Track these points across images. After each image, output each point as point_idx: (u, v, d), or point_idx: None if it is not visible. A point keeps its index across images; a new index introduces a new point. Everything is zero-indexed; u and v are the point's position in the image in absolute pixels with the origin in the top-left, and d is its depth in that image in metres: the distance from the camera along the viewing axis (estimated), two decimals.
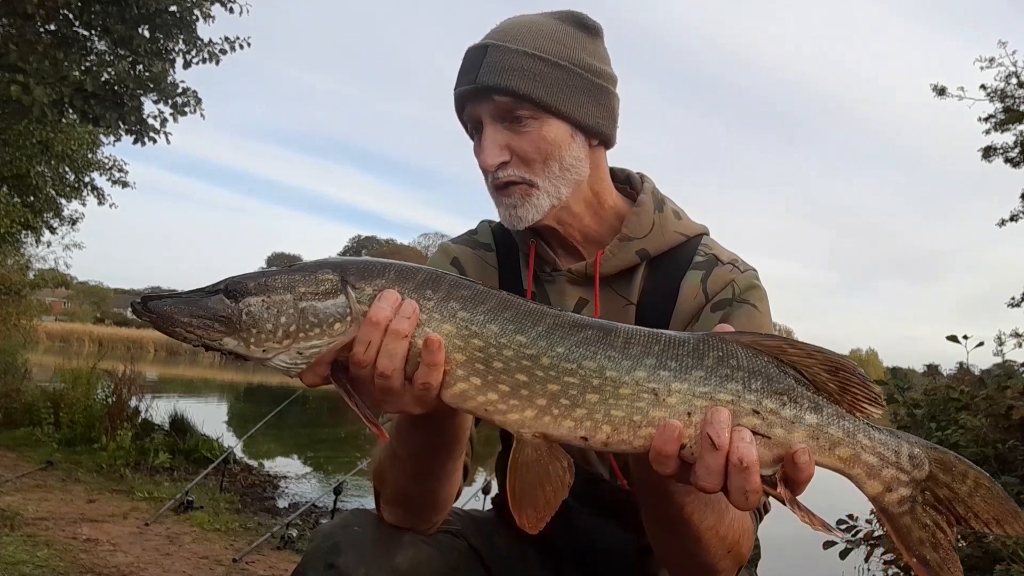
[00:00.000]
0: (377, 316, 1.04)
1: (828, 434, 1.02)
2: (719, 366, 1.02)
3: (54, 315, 49.98)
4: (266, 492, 8.49)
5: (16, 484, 6.69)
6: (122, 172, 17.74)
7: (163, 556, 5.18)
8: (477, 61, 1.46)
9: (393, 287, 1.07)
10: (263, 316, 1.06)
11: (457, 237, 1.75)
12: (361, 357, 1.05)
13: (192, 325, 1.05)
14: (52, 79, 8.51)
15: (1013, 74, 12.67)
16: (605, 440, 1.03)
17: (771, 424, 1.01)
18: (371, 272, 1.09)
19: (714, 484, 1.00)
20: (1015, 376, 5.19)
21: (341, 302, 1.07)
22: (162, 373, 25.69)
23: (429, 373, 1.04)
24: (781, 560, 6.02)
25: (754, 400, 1.01)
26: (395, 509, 1.41)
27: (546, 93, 1.46)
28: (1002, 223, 14.27)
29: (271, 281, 1.08)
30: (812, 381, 1.03)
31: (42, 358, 16.64)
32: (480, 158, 1.47)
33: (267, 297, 1.07)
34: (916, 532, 1.05)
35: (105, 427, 8.73)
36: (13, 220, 15.35)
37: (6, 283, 17.88)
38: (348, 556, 1.32)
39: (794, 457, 1.00)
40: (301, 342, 1.06)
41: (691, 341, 1.04)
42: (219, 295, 1.07)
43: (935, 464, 1.05)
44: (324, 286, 1.08)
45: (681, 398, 1.01)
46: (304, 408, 17.16)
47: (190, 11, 9.57)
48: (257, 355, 1.07)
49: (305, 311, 1.06)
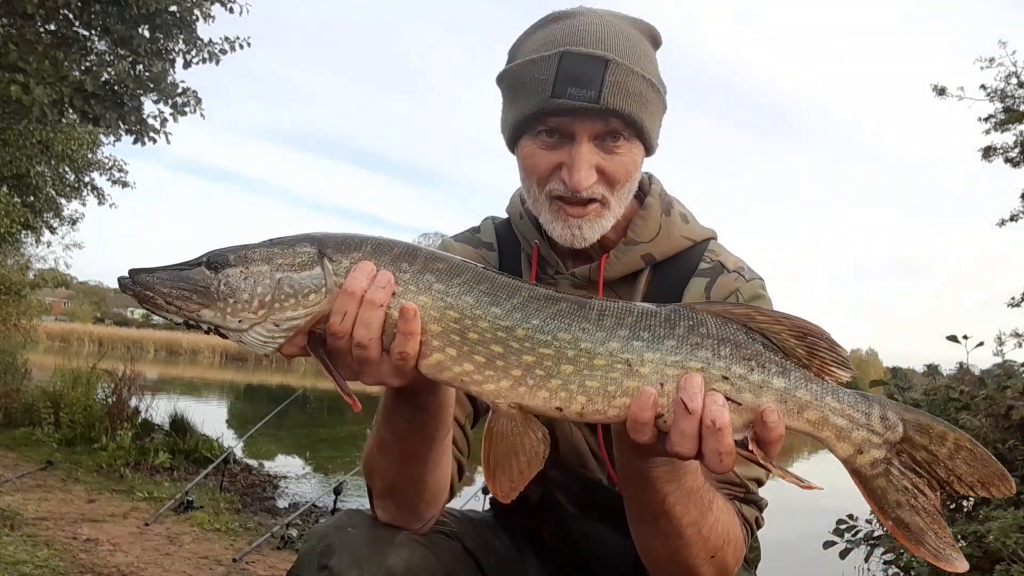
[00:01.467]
0: (352, 286, 1.06)
1: (796, 397, 1.04)
2: (690, 335, 1.05)
3: (54, 315, 49.98)
4: (266, 492, 8.49)
5: (16, 484, 6.69)
6: (122, 172, 17.75)
7: (163, 556, 5.18)
8: (596, 75, 1.36)
9: (369, 259, 1.09)
10: (240, 286, 1.07)
11: (459, 234, 1.73)
12: (337, 327, 1.06)
13: (172, 296, 1.07)
14: (52, 79, 8.51)
15: (1013, 74, 12.67)
16: (579, 410, 1.05)
17: (740, 389, 1.04)
18: (348, 245, 1.11)
19: (689, 448, 1.02)
20: (1015, 376, 5.19)
21: (317, 273, 1.08)
22: (162, 373, 25.68)
23: (405, 342, 1.05)
24: (781, 560, 6.02)
25: (723, 367, 1.04)
26: (386, 502, 1.41)
27: (649, 121, 1.43)
28: (1002, 223, 14.25)
29: (250, 253, 1.10)
30: (780, 347, 1.06)
31: (42, 358, 16.63)
32: (573, 176, 1.38)
33: (245, 268, 1.08)
34: (892, 495, 1.05)
35: (105, 427, 8.73)
36: (13, 220, 15.33)
37: (6, 283, 17.86)
38: (341, 557, 1.32)
39: (763, 416, 1.02)
40: (276, 313, 1.07)
41: (662, 312, 1.07)
42: (200, 267, 1.09)
43: (911, 426, 1.05)
44: (301, 258, 1.09)
45: (654, 367, 1.04)
46: (304, 408, 17.16)
47: (190, 11, 9.56)
48: (233, 325, 1.08)
49: (281, 282, 1.07)
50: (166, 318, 1.10)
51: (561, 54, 1.38)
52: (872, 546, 4.52)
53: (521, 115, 1.42)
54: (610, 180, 1.42)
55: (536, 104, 1.39)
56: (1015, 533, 3.50)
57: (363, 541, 1.36)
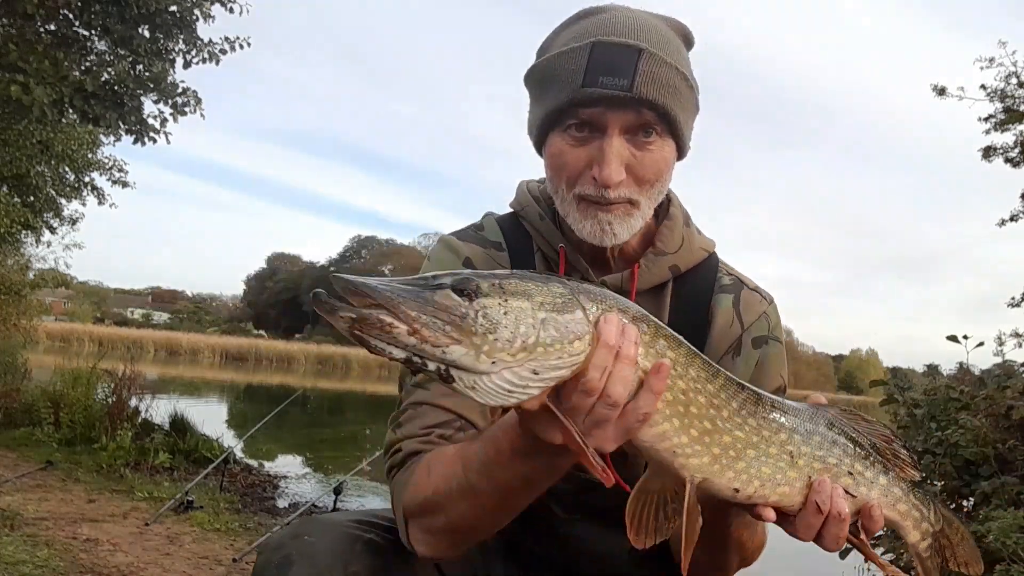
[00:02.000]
0: (609, 339, 0.97)
1: (893, 492, 1.24)
2: (829, 431, 1.20)
3: (54, 315, 49.99)
4: (266, 492, 8.49)
5: (16, 484, 6.69)
6: (122, 172, 17.73)
7: (163, 556, 5.18)
8: (630, 64, 1.32)
9: (615, 312, 1.01)
10: (501, 321, 0.93)
11: (461, 232, 1.61)
12: (595, 383, 0.97)
13: (420, 323, 0.89)
14: (52, 79, 8.51)
15: (1013, 74, 12.66)
16: (751, 493, 1.14)
17: (858, 484, 1.20)
18: (593, 295, 1.02)
19: (810, 536, 1.17)
20: (1015, 376, 5.19)
21: (579, 319, 0.98)
22: (162, 373, 25.70)
23: (652, 401, 1.02)
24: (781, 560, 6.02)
25: (849, 463, 1.20)
26: (440, 539, 1.26)
27: (682, 116, 1.40)
28: (1002, 223, 14.24)
29: (505, 283, 0.96)
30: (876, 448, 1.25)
31: (42, 358, 16.63)
32: (603, 171, 1.34)
33: (503, 300, 0.94)
34: (932, 572, 1.30)
35: (105, 427, 8.72)
36: (13, 220, 15.33)
37: (6, 283, 17.86)
38: (300, 568, 1.25)
39: (871, 511, 1.19)
40: (540, 359, 0.94)
41: (807, 409, 1.21)
42: (445, 289, 0.93)
43: (944, 520, 1.31)
44: (561, 300, 0.98)
45: (807, 461, 1.17)
46: (304, 408, 17.17)
47: (190, 11, 9.57)
48: (484, 368, 0.92)
49: (546, 323, 0.95)
50: (384, 352, 0.91)
51: (593, 44, 1.34)
52: (872, 546, 4.52)
53: (551, 108, 1.38)
54: (639, 180, 1.38)
55: (567, 95, 1.34)
56: (1015, 533, 3.50)
57: (323, 550, 1.29)
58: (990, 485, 4.16)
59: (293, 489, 9.00)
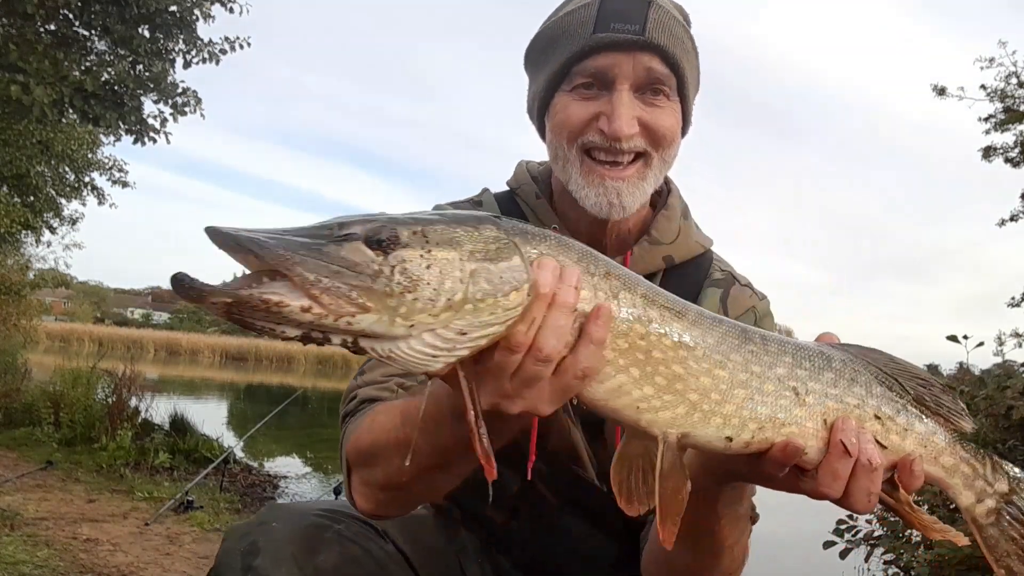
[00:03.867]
0: (544, 285, 0.85)
1: (934, 442, 1.04)
2: (845, 369, 1.02)
3: (54, 315, 49.98)
4: (266, 492, 8.48)
5: (16, 484, 6.68)
6: (122, 172, 17.76)
7: (163, 556, 5.18)
8: (640, 12, 1.29)
9: (554, 254, 0.89)
10: (423, 277, 0.78)
11: (457, 203, 1.57)
12: (522, 338, 0.84)
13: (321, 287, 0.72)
14: (52, 79, 8.51)
15: (1013, 74, 12.67)
16: (748, 439, 0.97)
17: (889, 430, 1.02)
18: (530, 234, 0.88)
19: (838, 489, 0.98)
20: (1015, 376, 5.19)
21: (517, 266, 0.83)
22: (162, 373, 25.69)
23: (594, 355, 0.87)
24: (781, 560, 6.02)
25: (875, 405, 1.01)
26: (379, 495, 1.22)
27: (691, 76, 1.37)
28: (1002, 223, 14.25)
29: (428, 229, 0.81)
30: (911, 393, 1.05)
31: (42, 358, 16.63)
32: (613, 124, 1.27)
33: (425, 251, 0.79)
34: (1003, 544, 1.07)
35: (105, 427, 8.73)
36: (13, 220, 15.32)
37: (6, 283, 17.85)
38: (266, 556, 1.20)
39: (911, 465, 1.01)
40: (467, 316, 0.80)
41: (813, 345, 1.04)
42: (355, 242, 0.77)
43: (1014, 480, 1.09)
44: (495, 244, 0.84)
45: (816, 398, 0.99)
46: (304, 408, 17.16)
47: (190, 11, 9.56)
48: (400, 332, 0.78)
49: (476, 275, 0.81)
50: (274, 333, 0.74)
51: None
52: (872, 546, 4.52)
53: (560, 63, 1.34)
54: (653, 135, 1.32)
55: (578, 45, 1.31)
56: None
57: (289, 538, 1.23)
58: None
59: (293, 489, 8.99)
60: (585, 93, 1.33)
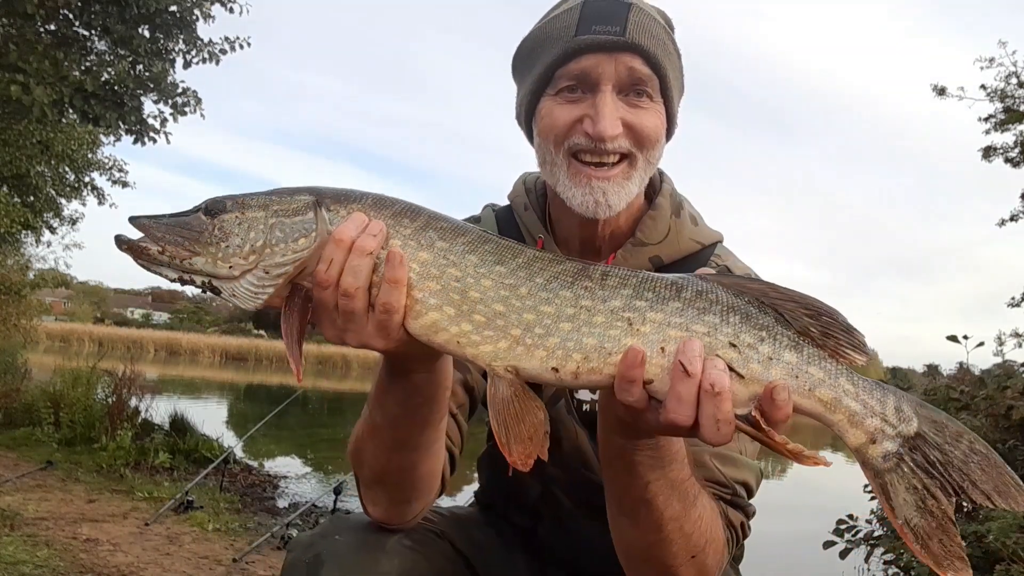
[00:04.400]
0: (341, 234, 1.03)
1: (808, 373, 0.98)
2: (697, 299, 1.01)
3: (54, 315, 49.96)
4: (266, 492, 8.49)
5: (16, 484, 6.69)
6: (122, 172, 17.75)
7: (163, 556, 5.18)
8: (621, 14, 1.33)
9: (367, 212, 1.07)
10: (233, 231, 1.06)
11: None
12: (323, 276, 1.03)
13: (165, 241, 1.06)
14: (52, 79, 8.51)
15: (1013, 74, 12.66)
16: (575, 369, 1.02)
17: (748, 359, 0.98)
18: (348, 197, 1.09)
19: (685, 415, 0.97)
20: (1015, 376, 5.19)
21: (309, 218, 1.06)
22: (162, 373, 25.68)
23: (391, 292, 1.02)
24: (782, 560, 6.02)
25: (730, 333, 0.99)
26: (375, 492, 1.34)
27: (674, 77, 1.39)
28: (1002, 223, 14.23)
29: (248, 199, 1.09)
30: (794, 324, 1.01)
31: (42, 358, 16.63)
32: (597, 124, 1.31)
33: (241, 213, 1.07)
34: (902, 493, 0.99)
35: (105, 427, 8.73)
36: (13, 220, 15.32)
37: (6, 283, 17.86)
38: (331, 567, 1.27)
39: (772, 393, 0.96)
40: (267, 259, 1.05)
41: (669, 278, 1.04)
42: (198, 213, 1.08)
43: (925, 421, 0.99)
44: (296, 205, 1.08)
45: (655, 328, 1.00)
46: (304, 408, 17.16)
47: (190, 11, 9.56)
48: (224, 272, 1.06)
49: (273, 227, 1.06)
50: (162, 273, 1.08)
51: (583, 1, 1.36)
52: (872, 546, 4.52)
53: (543, 67, 1.37)
54: (637, 136, 1.35)
55: (560, 49, 1.34)
56: (1015, 533, 3.50)
57: (352, 548, 1.31)
58: None
59: (293, 489, 8.99)
60: (569, 96, 1.36)
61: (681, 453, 1.18)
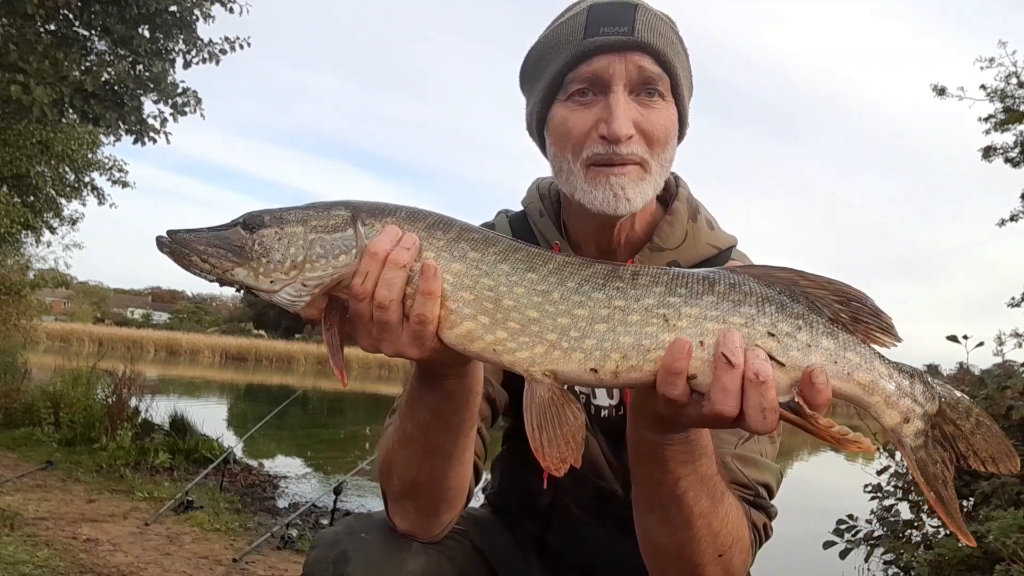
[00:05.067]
0: (376, 247, 1.05)
1: (846, 358, 1.01)
2: (731, 292, 1.03)
3: (54, 315, 49.96)
4: (266, 492, 8.48)
5: (16, 484, 6.69)
6: (122, 172, 17.75)
7: (163, 556, 5.18)
8: (628, 15, 1.34)
9: (401, 225, 1.09)
10: (274, 246, 1.09)
11: None
12: (359, 288, 1.05)
13: (207, 254, 1.09)
14: (52, 79, 8.51)
15: (1013, 74, 12.65)
16: (615, 369, 1.03)
17: (787, 347, 1.00)
18: (383, 211, 1.11)
19: (731, 406, 0.98)
20: (1015, 376, 5.18)
21: (348, 235, 1.09)
22: (162, 373, 25.68)
23: (425, 303, 1.04)
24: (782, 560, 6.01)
25: (768, 323, 1.01)
26: (404, 504, 1.34)
27: (683, 74, 1.39)
28: (1002, 223, 14.23)
29: (286, 214, 1.12)
30: (825, 311, 1.03)
31: (42, 358, 16.62)
32: (612, 125, 1.31)
33: (280, 228, 1.10)
34: (931, 468, 1.04)
35: (105, 427, 8.73)
36: (13, 220, 15.32)
37: (6, 283, 17.86)
38: (357, 565, 1.28)
39: (811, 377, 0.98)
40: (307, 272, 1.08)
41: (700, 273, 1.06)
42: (237, 227, 1.11)
43: (944, 400, 1.05)
44: (335, 220, 1.10)
45: (692, 321, 1.01)
46: (304, 408, 17.16)
47: (190, 11, 9.56)
48: (265, 286, 1.09)
49: (313, 243, 1.08)
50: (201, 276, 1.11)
51: (589, 6, 1.37)
52: (872, 546, 4.52)
53: (552, 75, 1.38)
54: (649, 139, 1.34)
55: (569, 53, 1.35)
56: (1015, 533, 3.50)
57: (378, 547, 1.33)
58: (990, 485, 4.16)
59: (293, 489, 8.98)
60: (581, 100, 1.36)
61: (710, 448, 1.19)
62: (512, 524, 1.67)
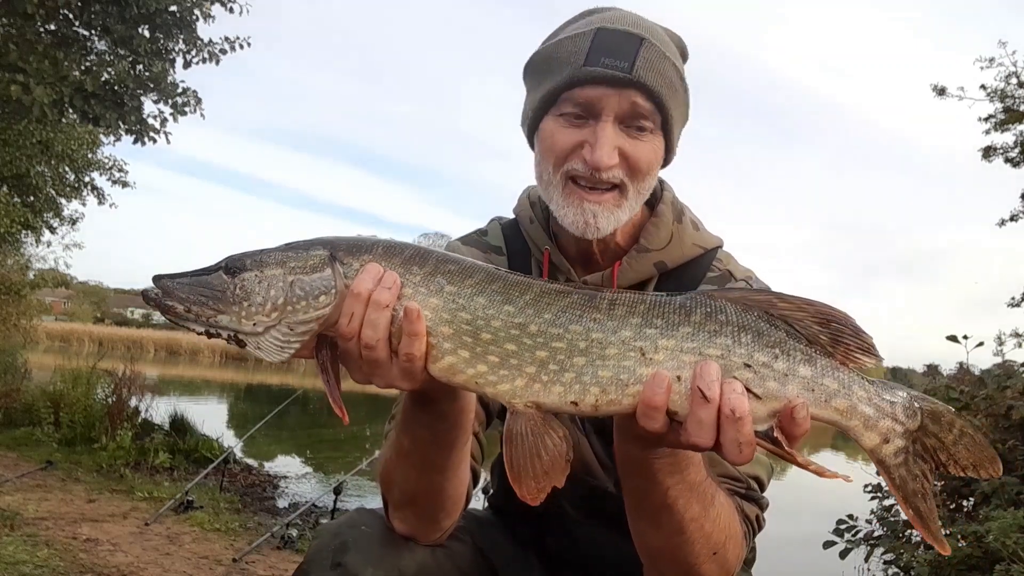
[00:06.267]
0: (359, 288, 1.06)
1: (823, 385, 1.01)
2: (707, 322, 1.02)
3: (54, 315, 49.94)
4: (266, 492, 8.49)
5: (16, 484, 6.69)
6: (122, 172, 17.76)
7: (163, 556, 5.18)
8: (631, 50, 1.35)
9: (379, 262, 1.09)
10: (254, 289, 1.09)
11: (465, 237, 1.70)
12: (345, 329, 1.07)
13: (190, 302, 1.09)
14: (52, 79, 8.51)
15: (1013, 74, 12.65)
16: (594, 403, 1.03)
17: (764, 377, 1.00)
18: (359, 248, 1.12)
19: (707, 439, 0.99)
20: (1015, 376, 5.18)
21: (327, 275, 1.09)
22: (162, 373, 25.66)
23: (411, 343, 1.05)
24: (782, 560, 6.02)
25: (744, 354, 1.00)
26: (404, 513, 1.38)
27: (675, 113, 1.42)
28: (1002, 223, 14.23)
29: (266, 257, 1.12)
30: (804, 334, 1.03)
31: (42, 358, 16.61)
32: (595, 153, 1.34)
33: (260, 272, 1.10)
34: (911, 484, 1.05)
35: (105, 427, 8.73)
36: (13, 220, 15.33)
37: (6, 283, 17.86)
38: (356, 555, 1.31)
39: (792, 412, 0.99)
40: (289, 316, 1.08)
41: (676, 300, 1.05)
42: (219, 272, 1.11)
43: (926, 415, 1.05)
44: (313, 261, 1.10)
45: (668, 354, 1.01)
46: (304, 408, 17.15)
47: (190, 11, 9.57)
48: (248, 329, 1.09)
49: (293, 284, 1.09)
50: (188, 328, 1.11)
51: (597, 30, 1.38)
52: (872, 546, 4.52)
53: (549, 89, 1.40)
54: (632, 167, 1.38)
55: (568, 74, 1.37)
56: (1015, 533, 3.50)
57: (378, 540, 1.36)
58: (990, 485, 4.15)
59: (293, 489, 8.99)
60: (572, 121, 1.39)
61: (697, 456, 1.20)
62: (512, 525, 1.68)
